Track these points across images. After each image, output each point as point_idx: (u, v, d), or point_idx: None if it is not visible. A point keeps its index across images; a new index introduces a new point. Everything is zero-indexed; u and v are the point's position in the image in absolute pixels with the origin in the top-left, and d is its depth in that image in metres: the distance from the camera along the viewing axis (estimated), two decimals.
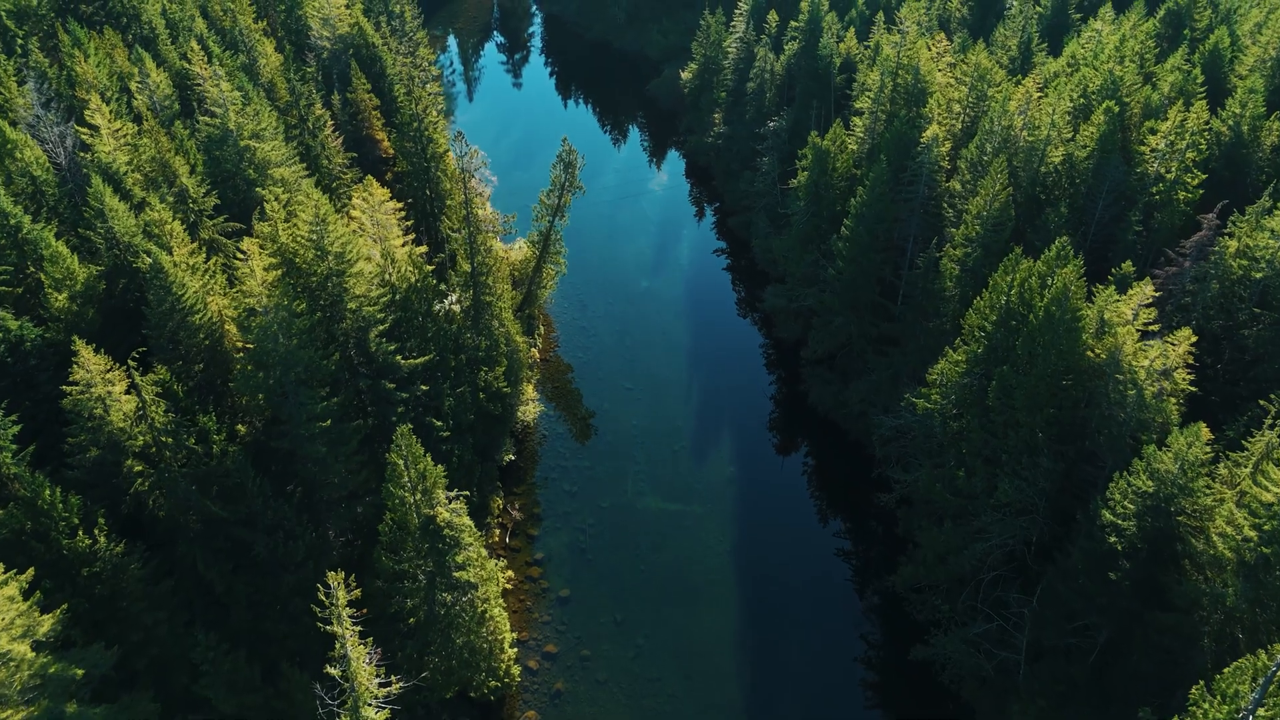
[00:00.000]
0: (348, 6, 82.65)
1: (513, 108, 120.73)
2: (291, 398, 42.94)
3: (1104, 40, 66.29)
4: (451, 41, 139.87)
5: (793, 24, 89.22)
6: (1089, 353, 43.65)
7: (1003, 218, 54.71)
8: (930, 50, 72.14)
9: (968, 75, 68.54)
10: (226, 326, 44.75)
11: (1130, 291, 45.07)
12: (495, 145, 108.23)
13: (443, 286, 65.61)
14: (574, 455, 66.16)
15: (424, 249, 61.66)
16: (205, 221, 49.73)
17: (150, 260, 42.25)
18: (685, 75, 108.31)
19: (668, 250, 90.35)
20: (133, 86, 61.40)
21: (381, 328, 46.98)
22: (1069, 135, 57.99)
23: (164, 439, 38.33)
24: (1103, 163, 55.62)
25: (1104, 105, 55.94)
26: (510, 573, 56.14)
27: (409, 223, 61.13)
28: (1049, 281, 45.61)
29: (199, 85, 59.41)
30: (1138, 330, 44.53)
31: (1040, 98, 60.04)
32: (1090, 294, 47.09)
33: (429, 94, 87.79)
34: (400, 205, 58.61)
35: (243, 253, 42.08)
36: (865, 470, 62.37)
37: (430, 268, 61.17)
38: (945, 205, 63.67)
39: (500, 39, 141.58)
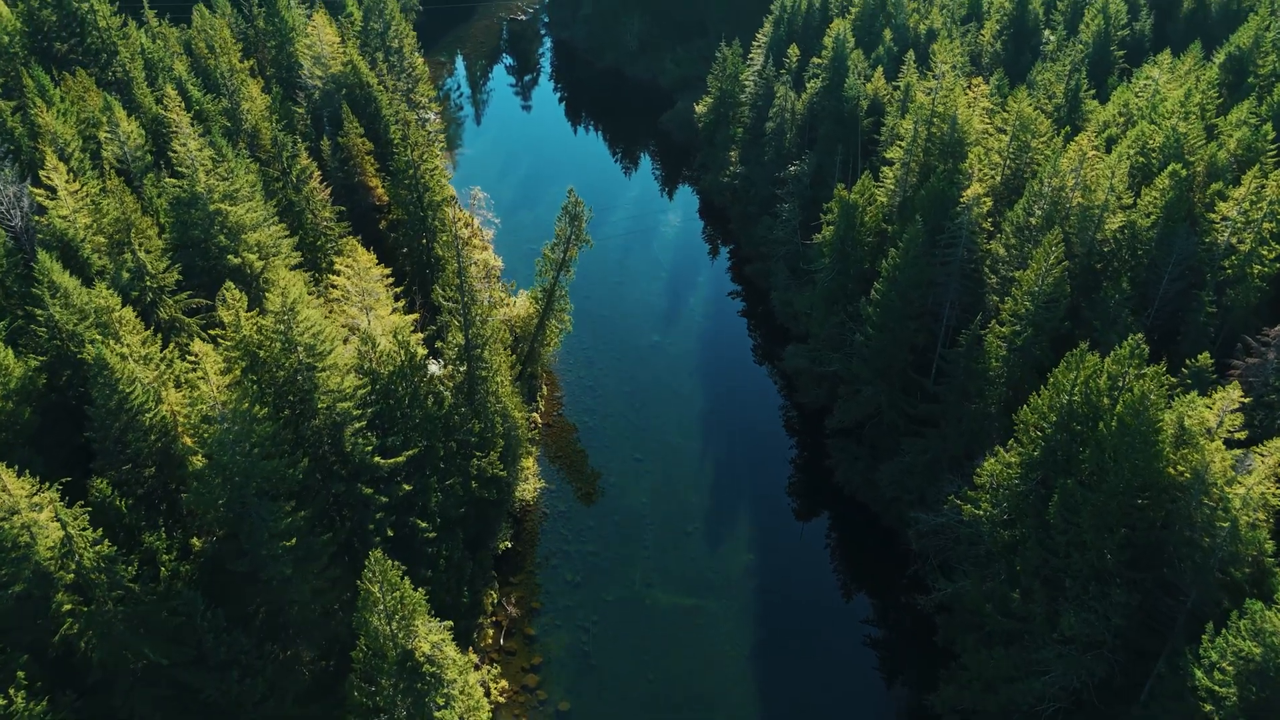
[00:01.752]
0: (343, 41, 77.80)
1: (520, 136, 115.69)
2: (252, 513, 37.53)
3: (1161, 89, 60.54)
4: (459, 64, 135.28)
5: (815, 61, 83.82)
6: (1170, 470, 37.81)
7: (1057, 294, 48.96)
8: (967, 94, 66.54)
9: (1009, 123, 62.94)
10: (181, 427, 39.42)
11: (1214, 395, 39.22)
12: (501, 180, 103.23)
13: (432, 367, 60.34)
14: (577, 538, 60.54)
15: (415, 316, 56.42)
16: (165, 300, 44.50)
17: (95, 353, 37.03)
18: (699, 108, 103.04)
19: (680, 299, 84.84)
20: (101, 136, 56.46)
21: (358, 424, 41.57)
22: (1129, 201, 52.20)
23: (96, 576, 32.93)
24: (1169, 233, 49.84)
25: (1170, 168, 50.18)
26: (504, 683, 50.49)
27: (398, 289, 55.82)
28: (1119, 382, 39.81)
29: (173, 133, 54.35)
30: (1222, 437, 38.75)
31: (1094, 155, 54.30)
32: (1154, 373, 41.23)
33: (428, 133, 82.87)
34: (388, 270, 53.35)
35: (195, 353, 36.70)
36: (899, 564, 56.50)
37: (420, 337, 55.94)
38: (987, 270, 57.95)
39: (509, 61, 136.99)
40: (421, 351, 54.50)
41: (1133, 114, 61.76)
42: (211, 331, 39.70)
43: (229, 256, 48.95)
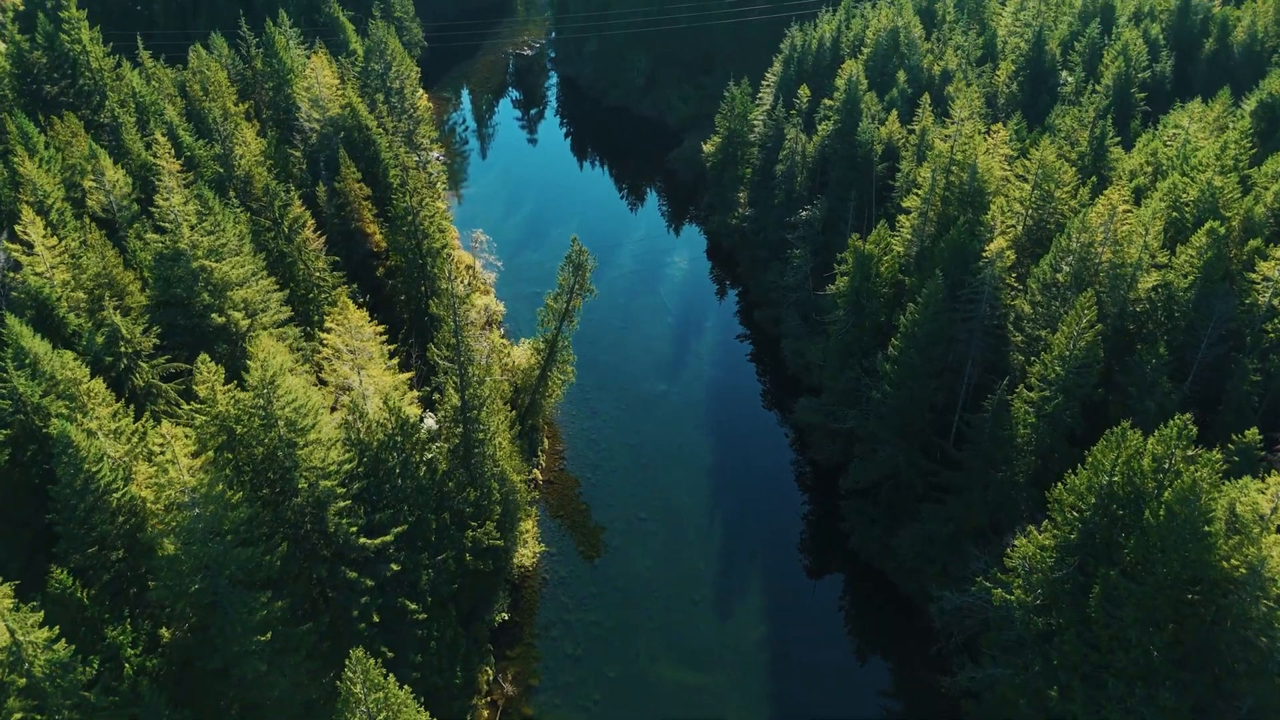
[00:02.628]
0: (342, 82, 75.94)
1: (526, 172, 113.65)
2: (224, 604, 34.59)
3: (1191, 138, 57.99)
4: (465, 98, 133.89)
5: (826, 102, 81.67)
6: (1223, 563, 34.68)
7: (1089, 359, 46.06)
8: (986, 140, 64.10)
9: (1030, 171, 60.43)
10: (150, 508, 36.60)
11: (1269, 479, 36.14)
12: (504, 220, 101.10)
13: (428, 421, 57.59)
14: (579, 606, 57.32)
15: (410, 375, 53.73)
16: (141, 365, 41.87)
17: (60, 428, 34.36)
18: (707, 148, 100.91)
19: (687, 345, 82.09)
20: (87, 184, 54.31)
21: (343, 503, 38.71)
22: (1163, 259, 49.42)
23: (47, 685, 29.96)
24: (1207, 294, 47.01)
25: (1207, 225, 47.46)
26: None
27: (392, 346, 53.17)
28: (1165, 465, 36.78)
29: (157, 185, 52.14)
30: (1278, 525, 35.63)
31: (1125, 209, 51.60)
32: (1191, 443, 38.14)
33: (429, 175, 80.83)
34: (381, 328, 50.76)
35: (163, 435, 33.89)
36: (920, 639, 53.15)
37: (415, 395, 53.25)
38: (1011, 328, 55.15)
39: (516, 95, 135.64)
40: (416, 411, 51.84)
41: (1162, 163, 59.20)
42: (187, 406, 37.03)
43: (213, 315, 46.43)
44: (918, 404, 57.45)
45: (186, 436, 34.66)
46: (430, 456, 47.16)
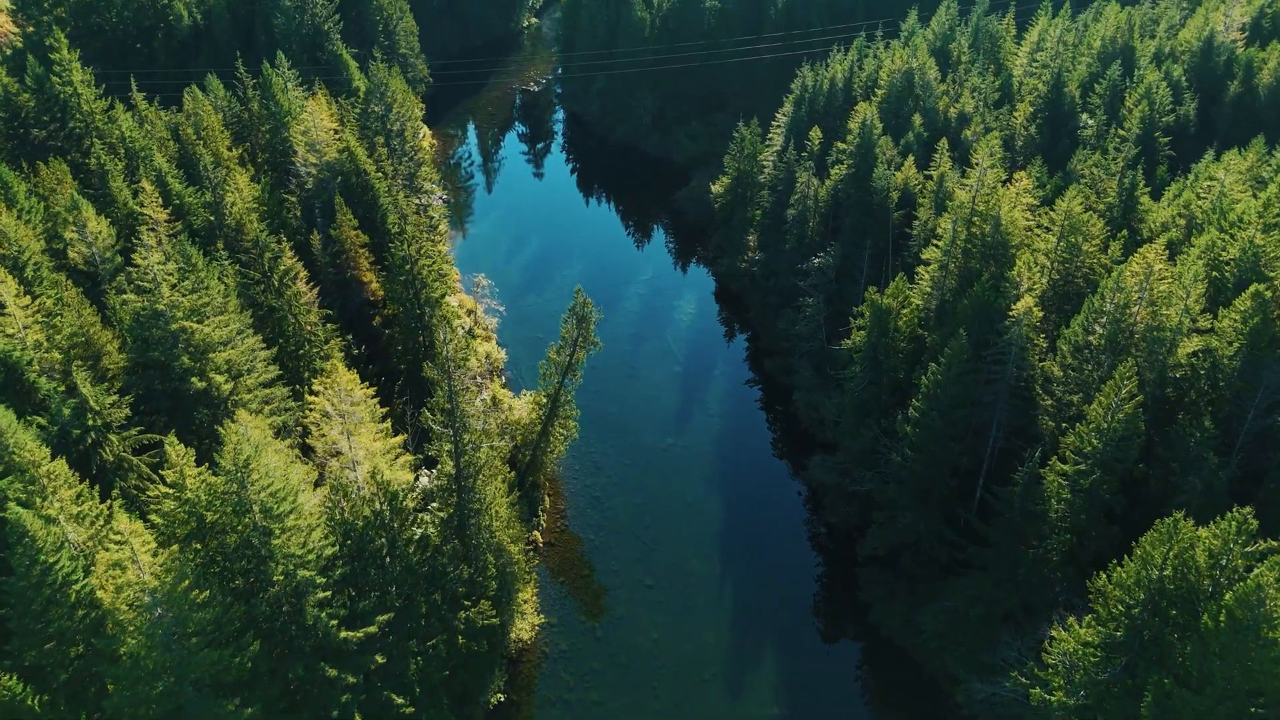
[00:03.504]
0: (341, 123, 73.89)
1: (530, 211, 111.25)
2: (189, 712, 31.43)
3: (1227, 190, 55.18)
4: (471, 133, 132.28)
5: (839, 146, 79.27)
6: None
7: (1129, 432, 42.93)
8: (1008, 188, 61.45)
9: (1056, 222, 57.73)
10: (110, 605, 33.54)
11: None
12: (508, 261, 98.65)
13: (423, 479, 54.64)
14: (581, 684, 53.85)
15: (403, 438, 50.82)
16: (111, 438, 39.05)
17: (15, 516, 31.47)
18: (716, 188, 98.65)
19: (695, 395, 79.02)
20: (68, 236, 51.92)
21: (322, 594, 35.63)
22: (1205, 324, 46.39)
23: None
24: (1254, 362, 43.92)
25: (1252, 289, 44.51)
26: None
27: (384, 410, 50.31)
28: (1223, 562, 33.53)
29: (135, 244, 49.68)
30: None
31: (1162, 268, 48.66)
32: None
33: (430, 219, 78.55)
34: (372, 390, 47.94)
35: (121, 532, 30.88)
36: None
37: (408, 459, 50.29)
38: (1040, 391, 52.09)
39: (522, 129, 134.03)
40: (408, 478, 48.91)
41: (1195, 216, 56.40)
42: (155, 490, 34.15)
43: (193, 379, 43.69)
44: (940, 469, 54.34)
45: (150, 528, 31.71)
46: (422, 532, 44.11)
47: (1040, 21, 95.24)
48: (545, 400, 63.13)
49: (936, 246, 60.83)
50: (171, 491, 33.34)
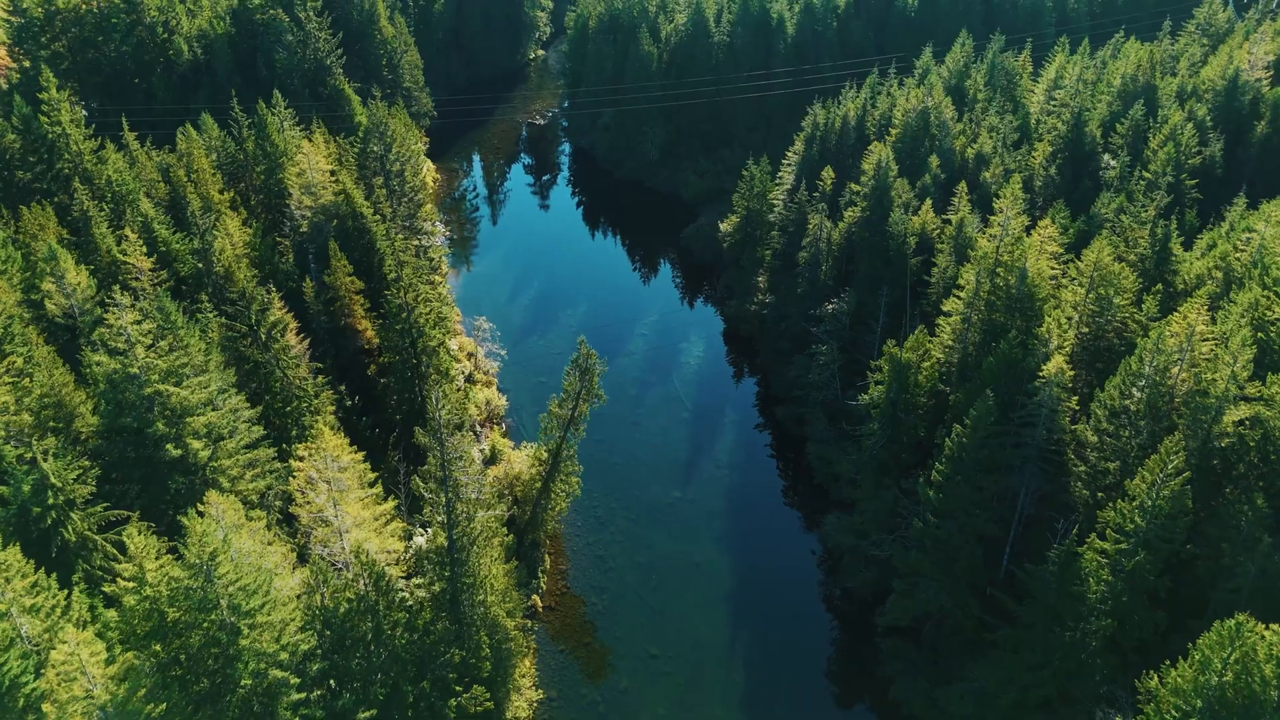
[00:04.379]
0: (340, 163, 71.70)
1: (535, 246, 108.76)
2: None
3: (1268, 243, 52.22)
4: (476, 165, 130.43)
5: (853, 187, 76.71)
6: None
7: (1177, 510, 39.66)
8: (1033, 236, 58.62)
9: (1084, 273, 54.85)
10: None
11: None
12: (511, 299, 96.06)
13: (418, 539, 51.60)
14: None
15: (394, 503, 47.75)
16: (73, 515, 36.11)
17: None
18: (724, 227, 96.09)
19: (703, 445, 75.85)
20: (45, 287, 49.37)
21: (297, 696, 32.44)
22: (1254, 390, 43.24)
23: None
24: None
25: None
26: None
27: (376, 471, 47.28)
28: None
29: (109, 298, 47.10)
30: None
31: (1204, 329, 45.59)
32: None
33: (430, 261, 76.04)
34: (361, 455, 44.98)
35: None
36: None
37: (400, 526, 47.21)
38: (1072, 456, 48.89)
39: (528, 160, 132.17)
40: (399, 546, 45.83)
41: (1234, 269, 53.42)
42: (116, 586, 31.16)
43: (168, 446, 40.83)
44: (966, 537, 51.02)
45: (103, 633, 28.68)
46: (409, 614, 40.90)
47: (1057, 58, 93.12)
48: (546, 456, 60.15)
49: (958, 298, 57.93)
50: (131, 585, 30.34)
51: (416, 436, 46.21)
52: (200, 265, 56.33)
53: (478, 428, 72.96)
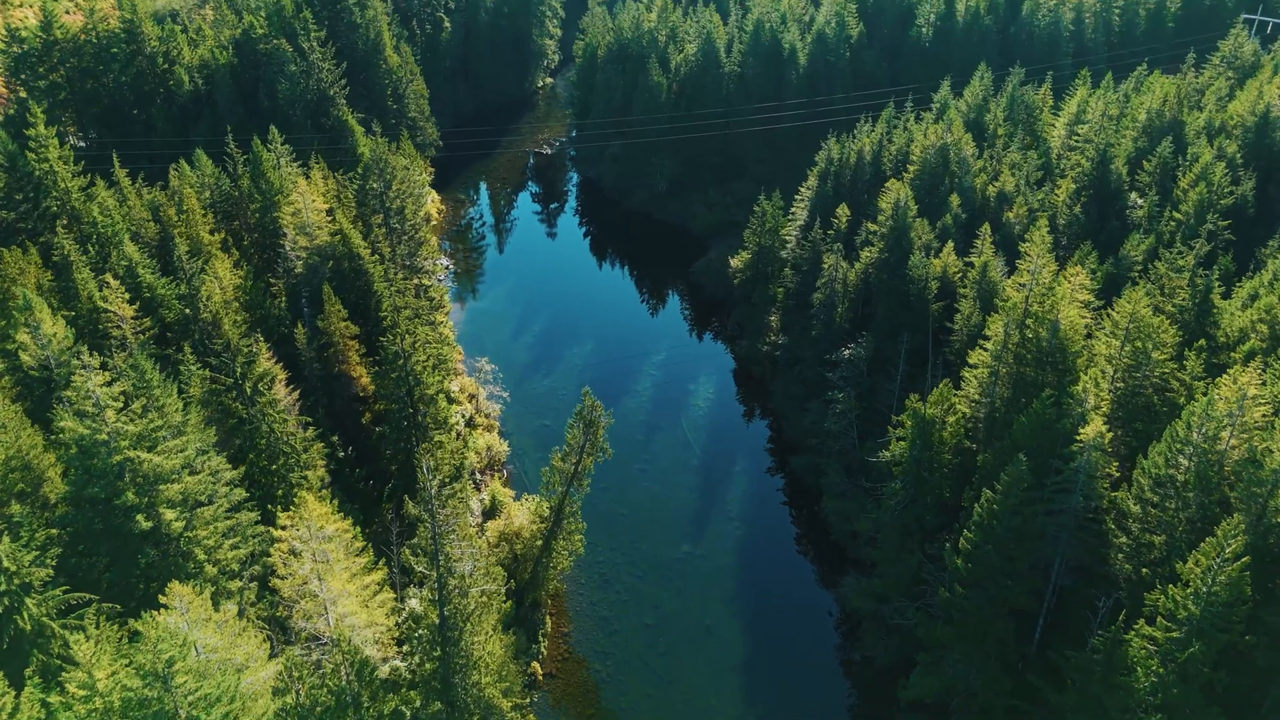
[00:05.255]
0: (338, 200, 69.27)
1: (541, 278, 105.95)
2: None
3: None
4: (484, 194, 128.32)
5: (870, 227, 73.84)
6: None
7: (1234, 598, 36.23)
8: (1064, 283, 55.50)
9: (1120, 326, 51.69)
10: None
11: None
12: (516, 337, 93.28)
13: (412, 601, 48.40)
14: None
15: (381, 575, 44.64)
16: (28, 602, 33.09)
17: None
18: (735, 263, 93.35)
19: (714, 495, 72.51)
20: (20, 338, 46.69)
21: None
22: None
23: None
24: None
25: None
26: None
27: (360, 547, 44.23)
28: None
29: (75, 360, 44.52)
30: None
31: (1256, 392, 42.33)
32: None
33: (430, 301, 73.35)
34: (347, 524, 41.94)
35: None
36: None
37: (390, 598, 44.09)
38: (1112, 526, 45.49)
39: (535, 188, 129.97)
40: (388, 622, 42.66)
41: (1279, 323, 50.18)
42: (74, 687, 28.05)
43: (139, 518, 37.85)
44: (996, 609, 47.57)
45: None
46: (398, 695, 37.70)
47: (1079, 92, 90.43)
48: (548, 512, 57.03)
49: (985, 349, 54.77)
50: (82, 693, 27.24)
51: (406, 508, 43.09)
52: (188, 311, 53.69)
53: (478, 476, 69.91)
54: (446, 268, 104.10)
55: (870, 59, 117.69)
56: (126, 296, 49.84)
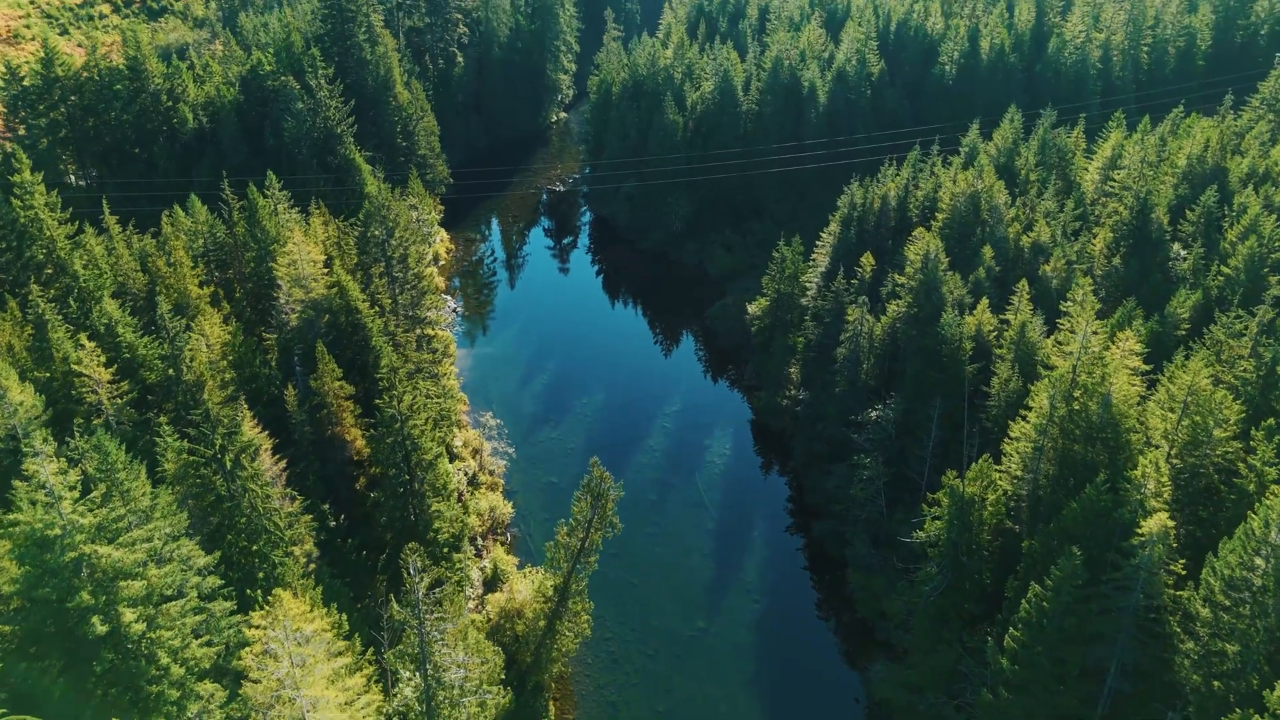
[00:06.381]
0: (338, 247, 66.08)
1: (551, 321, 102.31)
2: None
3: None
4: (495, 229, 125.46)
5: (897, 278, 70.00)
6: None
7: None
8: (1112, 350, 51.29)
9: (1175, 398, 47.43)
10: None
11: None
12: (524, 384, 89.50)
13: (406, 689, 44.19)
14: None
15: (369, 673, 40.54)
16: None
17: None
18: (753, 309, 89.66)
19: (731, 563, 68.00)
20: None
21: None
22: None
23: None
24: None
25: None
26: None
27: (342, 648, 40.20)
28: None
29: (27, 444, 41.04)
30: None
31: None
32: None
33: (432, 355, 69.79)
34: (329, 624, 37.98)
35: None
36: None
37: (377, 701, 39.93)
38: (1178, 630, 40.91)
39: (547, 228, 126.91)
40: None
41: None
42: None
43: (94, 620, 34.02)
44: (1045, 716, 42.88)
45: None
46: None
47: (1113, 135, 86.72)
48: (552, 591, 52.84)
49: (1026, 419, 50.53)
50: None
51: (392, 612, 39.02)
52: (171, 372, 50.26)
53: (479, 541, 65.90)
54: (454, 310, 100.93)
55: (892, 97, 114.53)
56: (103, 359, 46.48)
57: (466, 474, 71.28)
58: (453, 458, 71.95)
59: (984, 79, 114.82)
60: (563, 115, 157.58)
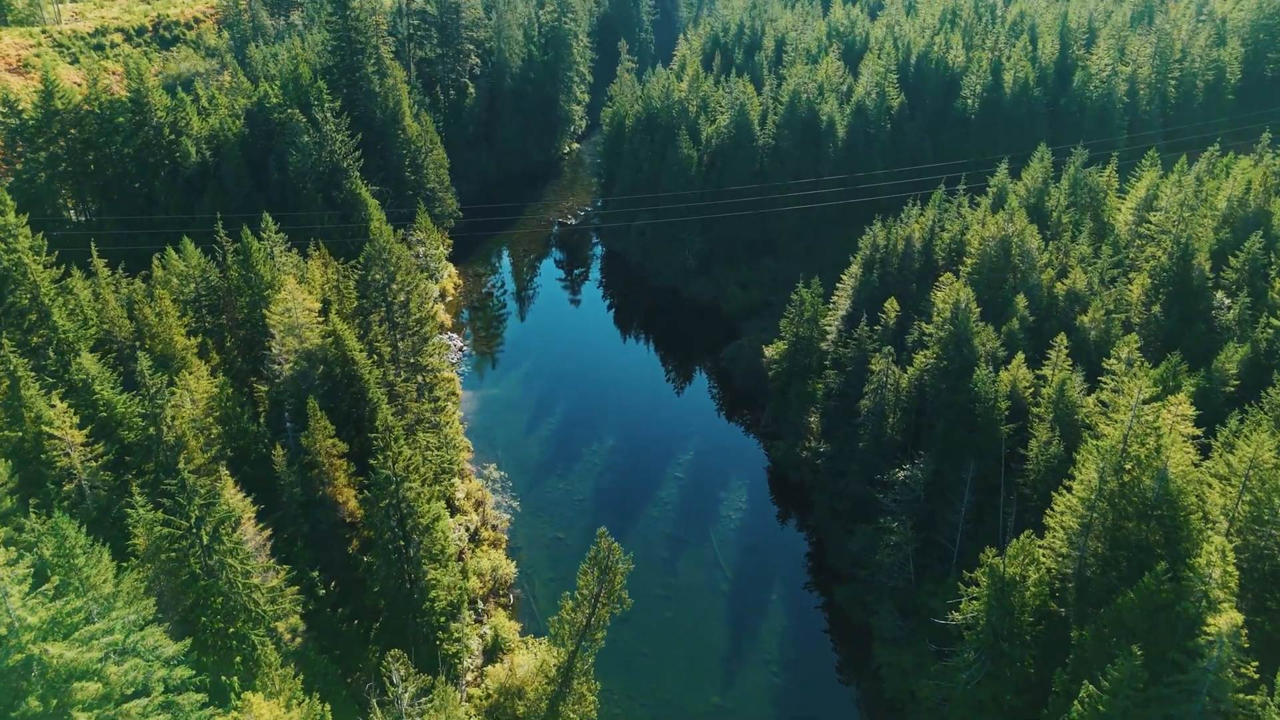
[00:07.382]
0: (337, 291, 63.03)
1: (560, 360, 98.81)
2: None
3: None
4: (505, 262, 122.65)
5: (924, 327, 66.32)
6: None
7: None
8: (1164, 415, 47.34)
9: (1237, 474, 43.42)
10: None
11: None
12: (530, 430, 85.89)
13: None
14: None
15: None
16: None
17: None
18: (770, 352, 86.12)
19: (748, 631, 63.85)
20: None
21: None
22: None
23: None
24: None
25: None
26: None
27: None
28: None
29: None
30: None
31: None
32: None
33: (434, 403, 66.42)
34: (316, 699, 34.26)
35: None
36: None
37: None
38: None
39: (558, 265, 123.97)
40: None
41: None
42: None
43: None
44: None
45: None
46: None
47: (1147, 175, 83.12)
48: (555, 671, 48.96)
49: (1072, 492, 46.54)
50: None
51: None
52: (151, 431, 47.05)
53: (480, 605, 62.11)
54: (461, 349, 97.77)
55: (912, 131, 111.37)
56: (75, 420, 43.30)
57: (468, 529, 67.68)
58: (454, 511, 68.41)
59: (1007, 113, 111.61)
60: (575, 146, 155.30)
